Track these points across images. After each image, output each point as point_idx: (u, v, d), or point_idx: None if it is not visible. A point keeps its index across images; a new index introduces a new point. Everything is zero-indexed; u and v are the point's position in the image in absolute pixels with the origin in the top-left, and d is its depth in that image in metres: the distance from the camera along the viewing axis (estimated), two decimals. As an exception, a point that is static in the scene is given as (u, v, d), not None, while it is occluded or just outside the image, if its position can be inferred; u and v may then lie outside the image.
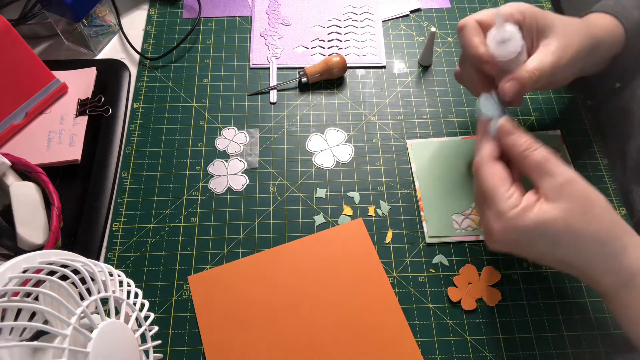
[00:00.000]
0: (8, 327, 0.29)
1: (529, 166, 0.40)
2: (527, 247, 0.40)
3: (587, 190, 0.39)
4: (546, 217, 0.38)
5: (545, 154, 0.39)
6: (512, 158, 0.42)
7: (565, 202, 0.38)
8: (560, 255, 0.39)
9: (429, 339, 0.47)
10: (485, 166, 0.41)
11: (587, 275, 0.40)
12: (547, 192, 0.38)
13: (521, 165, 0.41)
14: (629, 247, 0.38)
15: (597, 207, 0.39)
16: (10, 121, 0.57)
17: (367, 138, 0.59)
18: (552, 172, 0.39)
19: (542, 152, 0.40)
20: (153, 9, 0.70)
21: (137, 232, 0.53)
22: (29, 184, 0.49)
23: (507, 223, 0.39)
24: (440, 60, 0.65)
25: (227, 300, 0.49)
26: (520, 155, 0.40)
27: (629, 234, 0.39)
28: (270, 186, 0.56)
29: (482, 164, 0.41)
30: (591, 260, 0.39)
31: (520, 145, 0.40)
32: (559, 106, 0.61)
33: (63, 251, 0.35)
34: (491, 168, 0.41)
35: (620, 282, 0.38)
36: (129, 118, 0.61)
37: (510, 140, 0.41)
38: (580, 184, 0.39)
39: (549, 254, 0.39)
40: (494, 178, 0.40)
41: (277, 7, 0.70)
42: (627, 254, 0.38)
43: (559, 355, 0.47)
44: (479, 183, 0.41)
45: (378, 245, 0.52)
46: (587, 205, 0.38)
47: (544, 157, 0.39)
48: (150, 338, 0.38)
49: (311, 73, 0.61)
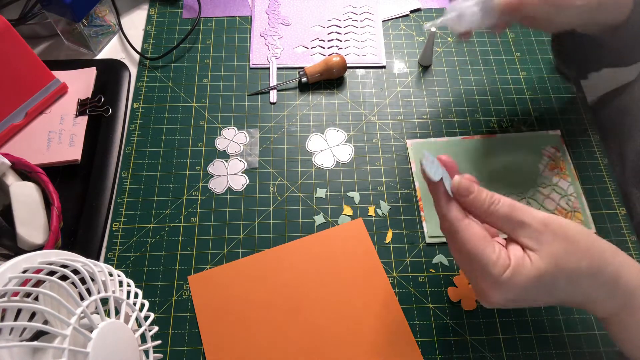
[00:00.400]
0: (8, 327, 0.29)
1: (496, 221, 0.37)
2: (525, 302, 0.38)
3: (563, 226, 0.37)
4: (540, 269, 0.36)
5: (510, 204, 0.37)
6: (477, 216, 0.38)
7: (548, 247, 0.36)
8: (559, 297, 0.38)
9: (429, 339, 0.47)
10: (461, 230, 0.37)
11: (587, 307, 0.39)
12: (527, 242, 0.36)
13: (489, 222, 0.38)
14: (620, 270, 0.37)
15: (579, 240, 0.37)
16: (10, 121, 0.57)
17: (367, 138, 0.59)
18: (523, 222, 0.36)
19: (505, 203, 0.37)
20: (153, 9, 0.70)
21: (137, 232, 0.53)
22: (29, 184, 0.49)
23: (502, 287, 0.36)
24: (440, 60, 0.65)
25: (227, 300, 0.49)
26: (486, 212, 0.37)
27: (616, 254, 0.38)
28: (270, 186, 0.56)
29: (456, 229, 0.37)
30: (589, 293, 0.38)
31: (482, 202, 0.37)
32: (559, 106, 0.61)
33: (63, 251, 0.35)
34: (468, 231, 0.37)
35: (618, 306, 0.38)
36: (129, 118, 0.61)
37: (470, 200, 0.37)
38: (554, 223, 0.37)
39: (547, 299, 0.38)
40: (475, 241, 0.36)
41: (277, 7, 0.70)
42: (621, 277, 0.37)
43: (559, 355, 0.47)
44: (460, 248, 0.37)
45: (378, 245, 0.52)
46: (569, 243, 0.36)
47: (510, 206, 0.37)
48: (150, 338, 0.38)
49: (311, 73, 0.61)
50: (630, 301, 0.38)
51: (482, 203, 0.37)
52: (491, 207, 0.37)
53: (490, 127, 0.59)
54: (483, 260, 0.36)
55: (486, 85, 0.63)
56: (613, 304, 0.38)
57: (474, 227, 0.37)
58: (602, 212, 0.54)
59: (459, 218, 0.37)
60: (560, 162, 0.56)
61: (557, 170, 0.56)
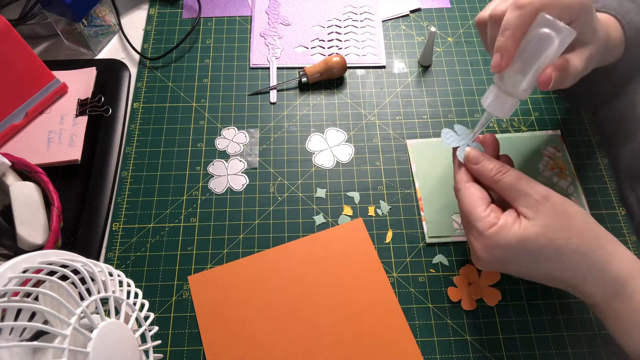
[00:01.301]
0: (8, 327, 0.29)
1: (502, 190, 0.40)
2: (511, 265, 0.40)
3: (564, 203, 0.39)
4: (526, 234, 0.38)
5: (517, 175, 0.40)
6: (484, 184, 0.42)
7: (544, 218, 0.38)
8: (545, 270, 0.39)
9: (429, 339, 0.47)
10: (462, 189, 0.42)
11: (576, 288, 0.40)
12: (524, 211, 0.39)
13: (495, 190, 0.42)
14: (613, 256, 0.38)
15: (576, 219, 0.39)
16: (10, 121, 0.57)
17: (367, 138, 0.59)
18: (525, 191, 0.39)
19: (512, 174, 0.40)
20: (153, 9, 0.70)
21: (137, 232, 0.53)
22: (29, 184, 0.49)
23: (486, 241, 0.39)
24: (440, 60, 0.65)
25: (227, 300, 0.49)
26: (491, 180, 0.41)
27: (612, 242, 0.39)
28: (270, 186, 0.56)
29: (458, 188, 0.43)
30: (577, 272, 0.39)
31: (489, 171, 0.41)
32: (559, 106, 0.61)
33: (63, 251, 0.35)
34: (467, 190, 0.42)
35: (608, 292, 0.39)
36: (129, 118, 0.61)
37: (478, 168, 0.42)
38: (556, 198, 0.39)
39: (534, 270, 0.40)
40: (471, 199, 0.41)
41: (277, 7, 0.70)
42: (612, 263, 0.38)
43: (559, 355, 0.47)
44: (460, 205, 0.42)
45: (378, 245, 0.52)
46: (565, 219, 0.38)
47: (516, 177, 0.40)
48: (150, 338, 0.38)
49: (311, 73, 0.61)
50: (621, 289, 0.38)
51: (489, 172, 0.41)
52: (497, 176, 0.40)
53: (490, 127, 0.60)
54: (472, 215, 0.40)
55: (486, 85, 0.63)
56: (602, 288, 0.39)
57: (474, 189, 0.41)
58: (602, 212, 0.54)
59: (463, 180, 0.42)
60: (560, 162, 0.56)
61: (557, 170, 0.56)
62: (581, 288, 0.40)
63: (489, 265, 0.41)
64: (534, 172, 0.56)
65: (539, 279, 0.41)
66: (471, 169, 0.42)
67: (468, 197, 0.41)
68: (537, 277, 0.41)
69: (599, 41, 0.41)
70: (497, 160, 0.41)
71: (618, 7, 0.47)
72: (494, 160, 0.41)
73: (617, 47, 0.47)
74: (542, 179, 0.55)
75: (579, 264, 0.38)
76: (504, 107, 0.41)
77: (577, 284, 0.39)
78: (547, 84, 0.38)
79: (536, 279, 0.41)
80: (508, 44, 0.38)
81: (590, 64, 0.41)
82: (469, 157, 0.42)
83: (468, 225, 0.42)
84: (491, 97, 0.41)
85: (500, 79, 0.40)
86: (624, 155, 0.54)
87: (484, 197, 0.41)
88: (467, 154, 0.43)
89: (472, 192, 0.41)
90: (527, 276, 0.41)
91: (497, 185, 0.40)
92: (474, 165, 0.42)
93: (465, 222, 0.42)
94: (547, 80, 0.38)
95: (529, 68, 0.39)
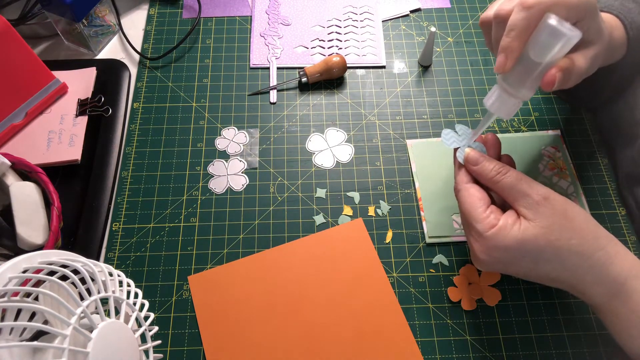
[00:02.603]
0: (8, 327, 0.29)
1: (502, 190, 0.40)
2: (511, 266, 0.40)
3: (564, 204, 0.39)
4: (526, 235, 0.38)
5: (517, 176, 0.40)
6: (485, 185, 0.42)
7: (544, 218, 0.38)
8: (545, 271, 0.39)
9: (429, 339, 0.47)
10: (462, 190, 0.42)
11: (576, 289, 0.40)
12: (524, 212, 0.39)
13: (495, 191, 0.41)
14: (613, 257, 0.38)
15: (577, 220, 0.39)
16: (10, 121, 0.57)
17: (367, 138, 0.59)
18: (525, 192, 0.39)
19: (512, 174, 0.40)
20: (153, 9, 0.70)
21: (137, 232, 0.53)
22: (29, 184, 0.49)
23: (486, 242, 0.39)
24: (440, 60, 0.65)
25: (227, 300, 0.49)
26: (491, 181, 0.40)
27: (612, 243, 0.39)
28: (270, 186, 0.56)
29: (458, 189, 0.43)
30: (577, 273, 0.39)
31: (489, 172, 0.41)
32: (559, 106, 0.61)
33: (63, 251, 0.35)
34: (467, 191, 0.41)
35: (609, 293, 0.39)
36: (129, 118, 0.61)
37: (478, 169, 0.41)
38: (556, 199, 0.39)
39: (534, 270, 0.40)
40: (470, 200, 0.41)
41: (277, 7, 0.70)
42: (612, 264, 0.38)
43: (559, 355, 0.47)
44: (460, 206, 0.42)
45: (378, 245, 0.52)
46: (566, 220, 0.38)
47: (516, 178, 0.39)
48: (150, 338, 0.38)
49: (311, 73, 0.61)
50: (621, 290, 0.38)
51: (488, 172, 0.41)
52: (496, 177, 0.40)
53: (490, 127, 0.59)
54: (472, 216, 0.40)
55: (486, 85, 0.63)
56: (602, 289, 0.39)
57: (473, 190, 0.41)
58: (602, 212, 0.54)
59: (463, 181, 0.42)
60: (560, 162, 0.56)
61: (557, 170, 0.56)
62: (581, 289, 0.40)
63: (488, 266, 0.41)
64: (534, 172, 0.56)
65: (539, 279, 0.41)
66: (471, 170, 0.42)
67: (468, 198, 0.41)
68: (537, 278, 0.41)
69: (603, 41, 0.41)
70: (497, 161, 0.41)
71: (620, 7, 0.47)
72: (494, 161, 0.41)
73: (620, 47, 0.47)
74: (542, 179, 0.55)
75: (579, 264, 0.38)
76: (507, 108, 0.41)
77: (577, 284, 0.39)
78: (552, 85, 0.38)
79: (536, 279, 0.41)
80: (513, 45, 0.37)
81: (595, 64, 0.41)
82: (468, 158, 0.42)
83: (468, 226, 0.41)
84: (494, 98, 0.41)
85: (503, 80, 0.40)
86: (624, 158, 0.54)
87: (484, 198, 0.41)
88: (466, 155, 0.43)
89: (472, 193, 0.41)
90: (527, 277, 0.41)
91: (497, 186, 0.40)
92: (474, 166, 0.42)
93: (465, 223, 0.42)
94: (552, 81, 0.38)
95: (534, 69, 0.38)
